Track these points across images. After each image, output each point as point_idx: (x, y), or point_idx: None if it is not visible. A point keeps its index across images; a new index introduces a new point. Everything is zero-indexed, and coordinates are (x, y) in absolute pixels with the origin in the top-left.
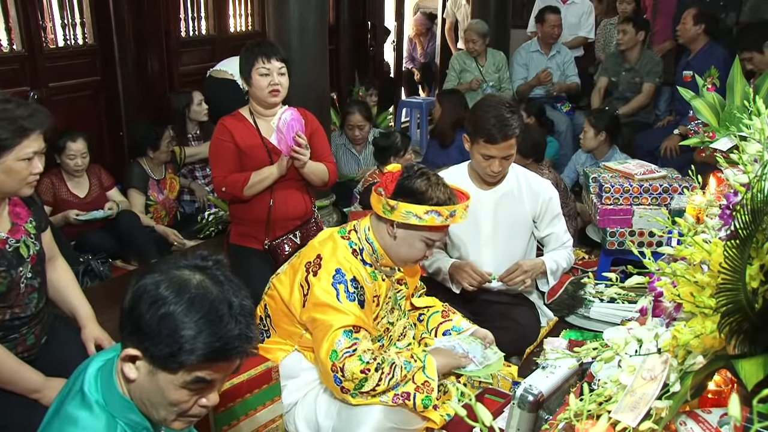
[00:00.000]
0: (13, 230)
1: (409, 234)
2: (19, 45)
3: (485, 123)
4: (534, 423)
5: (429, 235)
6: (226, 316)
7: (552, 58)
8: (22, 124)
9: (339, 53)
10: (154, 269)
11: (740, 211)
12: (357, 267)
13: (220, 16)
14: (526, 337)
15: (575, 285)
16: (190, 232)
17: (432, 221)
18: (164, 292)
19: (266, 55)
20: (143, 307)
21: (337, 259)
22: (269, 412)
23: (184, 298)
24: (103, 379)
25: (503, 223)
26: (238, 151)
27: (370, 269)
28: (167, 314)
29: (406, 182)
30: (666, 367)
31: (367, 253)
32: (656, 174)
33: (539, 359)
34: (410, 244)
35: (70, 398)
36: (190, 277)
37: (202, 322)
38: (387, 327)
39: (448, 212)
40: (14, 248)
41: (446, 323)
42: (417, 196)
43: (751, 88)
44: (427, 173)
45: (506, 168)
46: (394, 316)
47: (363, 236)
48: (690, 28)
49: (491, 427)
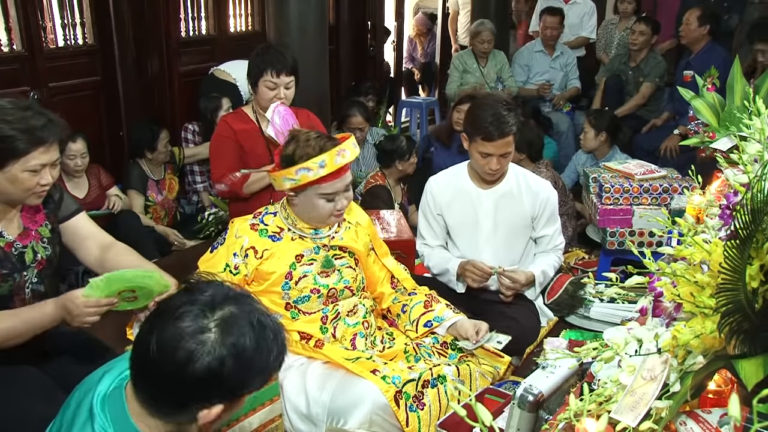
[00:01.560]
0: (23, 235)
1: (303, 195)
2: (19, 45)
3: (483, 121)
4: (534, 423)
5: (320, 189)
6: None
7: (556, 59)
8: (36, 133)
9: (339, 53)
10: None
11: (740, 211)
12: (242, 226)
13: (220, 16)
14: (526, 337)
15: (575, 285)
16: (190, 232)
17: (305, 178)
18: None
19: (276, 70)
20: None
21: (238, 221)
22: (268, 412)
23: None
24: (112, 410)
25: (503, 223)
26: (240, 148)
27: (262, 227)
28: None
29: (281, 154)
30: (666, 367)
31: (281, 217)
32: (656, 174)
33: (539, 359)
34: (311, 204)
35: (78, 427)
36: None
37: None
38: (316, 288)
39: (317, 164)
40: (20, 252)
41: (428, 314)
42: (288, 161)
43: (751, 88)
44: (296, 137)
45: (505, 166)
46: (329, 280)
47: (281, 204)
48: (694, 29)
49: (491, 427)
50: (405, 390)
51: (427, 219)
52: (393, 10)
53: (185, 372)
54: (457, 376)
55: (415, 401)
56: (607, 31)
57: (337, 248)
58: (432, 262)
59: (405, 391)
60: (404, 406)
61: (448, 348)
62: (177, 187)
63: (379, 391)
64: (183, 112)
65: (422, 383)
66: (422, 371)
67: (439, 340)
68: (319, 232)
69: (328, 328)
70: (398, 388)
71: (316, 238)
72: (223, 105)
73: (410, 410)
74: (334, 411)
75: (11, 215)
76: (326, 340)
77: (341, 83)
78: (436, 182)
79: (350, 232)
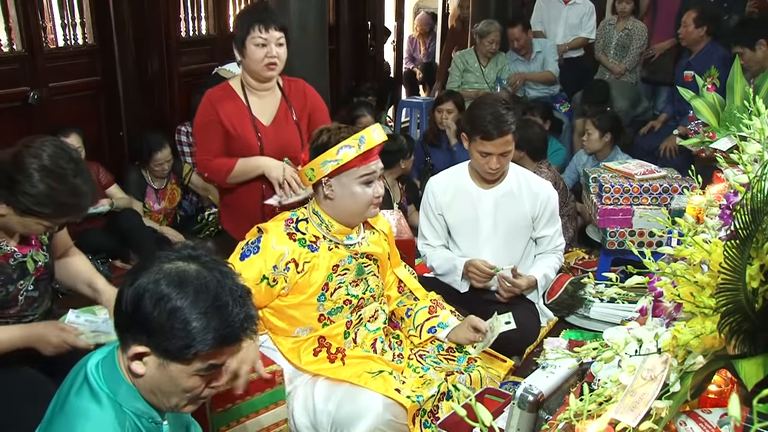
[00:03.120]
0: (21, 244)
1: (342, 183)
2: (19, 45)
3: (481, 120)
4: (534, 423)
5: (359, 172)
6: (230, 302)
7: (532, 62)
8: (62, 210)
9: (339, 53)
10: (146, 266)
11: (740, 211)
12: (279, 235)
13: (220, 16)
14: (526, 337)
15: (575, 285)
16: (190, 232)
17: (347, 156)
18: (166, 288)
19: (263, 23)
20: (147, 307)
21: (269, 230)
22: (272, 416)
23: (188, 291)
24: (106, 371)
25: (503, 223)
26: (225, 133)
27: (300, 236)
28: (175, 309)
29: (313, 145)
30: (666, 367)
31: (313, 224)
32: (656, 174)
33: (539, 359)
34: (350, 192)
35: (74, 392)
36: (186, 268)
37: (210, 311)
38: (348, 299)
39: (357, 141)
40: (19, 262)
41: (432, 319)
42: (324, 147)
43: (751, 88)
44: (326, 128)
45: (505, 165)
46: (358, 289)
47: (310, 209)
48: (692, 31)
49: (491, 427)
50: (423, 407)
51: (429, 219)
52: (393, 10)
53: (135, 306)
54: (469, 384)
55: (430, 416)
56: (605, 31)
57: (365, 256)
58: (436, 263)
59: (422, 408)
60: (420, 424)
61: (454, 352)
62: (179, 197)
63: (382, 406)
64: (183, 113)
65: (439, 396)
66: (439, 384)
67: (444, 346)
68: (351, 238)
69: (350, 332)
70: (420, 406)
71: (350, 246)
72: None
73: (425, 426)
74: (338, 421)
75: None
76: (347, 345)
77: (341, 83)
78: (437, 182)
79: (376, 238)
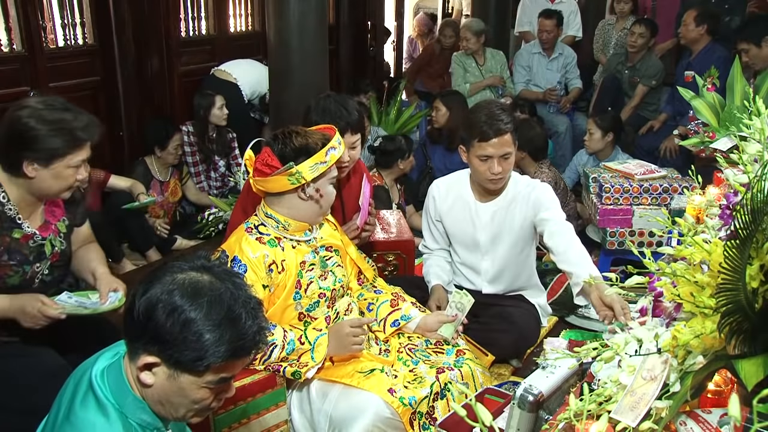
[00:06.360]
0: (43, 227)
1: (320, 185)
2: (19, 45)
3: (476, 122)
4: (534, 423)
5: (332, 173)
6: (243, 314)
7: (554, 60)
8: (77, 134)
9: (339, 53)
10: (159, 276)
11: (740, 211)
12: (250, 243)
13: (220, 16)
14: (526, 339)
15: None
16: (190, 232)
17: (333, 158)
18: (179, 300)
19: (340, 128)
20: (160, 317)
21: (239, 248)
22: (273, 417)
23: (201, 303)
24: (111, 380)
25: (499, 235)
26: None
27: (267, 238)
28: (188, 321)
29: (285, 148)
30: (666, 367)
31: (270, 227)
32: (656, 174)
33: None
34: (325, 192)
35: (80, 402)
36: (200, 279)
37: (224, 323)
38: (322, 292)
39: (336, 141)
40: (38, 244)
41: (395, 312)
42: (305, 150)
43: (751, 88)
44: (294, 130)
45: (507, 170)
46: (328, 282)
47: (261, 213)
48: (692, 30)
49: (491, 427)
50: (419, 410)
51: (428, 223)
52: (393, 10)
53: (147, 317)
54: (461, 380)
55: (428, 418)
56: (604, 31)
57: (324, 249)
58: (425, 269)
59: (419, 411)
60: (419, 427)
61: (443, 344)
62: (180, 194)
63: (380, 404)
64: (183, 112)
65: (433, 396)
66: (432, 383)
67: (432, 340)
68: (308, 234)
69: None
70: (414, 409)
71: (308, 242)
72: (216, 103)
73: (424, 429)
74: (335, 420)
75: (38, 209)
76: None
77: (341, 83)
78: (438, 186)
79: (328, 230)
